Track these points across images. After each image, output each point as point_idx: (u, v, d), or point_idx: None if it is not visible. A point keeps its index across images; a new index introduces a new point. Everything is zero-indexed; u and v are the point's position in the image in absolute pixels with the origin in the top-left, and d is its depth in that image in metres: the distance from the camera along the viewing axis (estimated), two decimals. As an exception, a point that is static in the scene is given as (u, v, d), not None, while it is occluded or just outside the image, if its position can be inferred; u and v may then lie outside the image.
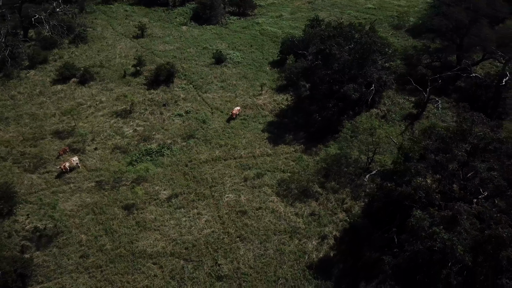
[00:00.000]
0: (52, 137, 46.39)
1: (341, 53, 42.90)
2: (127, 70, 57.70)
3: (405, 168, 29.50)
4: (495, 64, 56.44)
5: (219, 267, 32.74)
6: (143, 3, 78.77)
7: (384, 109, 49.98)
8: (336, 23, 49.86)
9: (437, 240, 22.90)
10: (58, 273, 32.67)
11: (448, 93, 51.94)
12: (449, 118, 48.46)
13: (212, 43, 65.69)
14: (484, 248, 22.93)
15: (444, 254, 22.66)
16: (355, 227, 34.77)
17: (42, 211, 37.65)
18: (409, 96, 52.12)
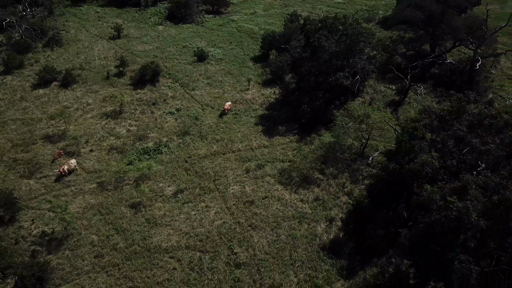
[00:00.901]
0: (43, 141, 45.55)
1: (329, 45, 44.68)
2: (110, 71, 57.14)
3: (410, 146, 31.54)
4: (463, 51, 60.25)
5: (236, 256, 33.65)
6: (114, 4, 77.88)
7: (368, 98, 52.33)
8: (319, 17, 51.57)
9: (453, 209, 24.97)
10: (74, 274, 32.49)
11: (425, 79, 54.99)
12: (429, 102, 51.34)
13: (191, 41, 66.08)
14: (494, 213, 25.26)
15: (460, 221, 24.75)
16: (360, 208, 36.58)
17: (47, 215, 37.11)
18: (389, 84, 54.82)
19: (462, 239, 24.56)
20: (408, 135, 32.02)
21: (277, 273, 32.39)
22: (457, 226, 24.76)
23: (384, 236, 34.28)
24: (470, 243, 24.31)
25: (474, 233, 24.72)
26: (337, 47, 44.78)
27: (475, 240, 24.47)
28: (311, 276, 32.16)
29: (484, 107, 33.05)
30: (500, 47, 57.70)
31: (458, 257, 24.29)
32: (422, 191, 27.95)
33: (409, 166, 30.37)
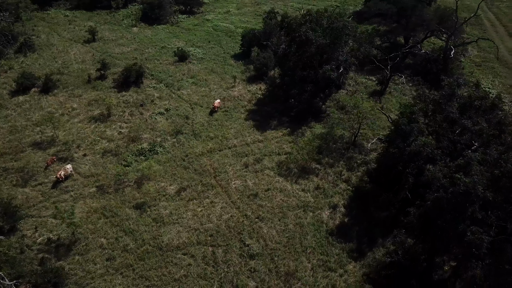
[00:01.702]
0: (32, 148, 44.47)
1: (316, 38, 46.12)
2: (91, 74, 56.30)
3: (409, 130, 33.40)
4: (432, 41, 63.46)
5: (248, 247, 34.40)
6: (83, 7, 76.40)
7: (351, 89, 54.29)
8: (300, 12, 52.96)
9: (460, 185, 26.87)
10: (89, 278, 32.21)
11: (401, 70, 57.52)
12: (408, 91, 54.00)
13: (168, 42, 66.02)
14: (497, 185, 27.39)
15: (467, 195, 26.68)
16: (362, 193, 38.20)
17: (50, 222, 36.46)
18: (368, 75, 57.04)
19: (470, 211, 26.44)
20: (408, 119, 33.83)
21: (291, 260, 33.41)
22: (465, 200, 26.64)
23: (386, 218, 35.95)
24: (478, 215, 26.27)
25: (481, 205, 26.70)
26: (323, 40, 46.24)
27: (482, 211, 26.46)
28: (323, 260, 33.41)
29: (473, 90, 35.45)
30: (467, 37, 61.24)
31: (470, 229, 26.18)
32: (425, 171, 29.73)
33: (410, 148, 32.18)
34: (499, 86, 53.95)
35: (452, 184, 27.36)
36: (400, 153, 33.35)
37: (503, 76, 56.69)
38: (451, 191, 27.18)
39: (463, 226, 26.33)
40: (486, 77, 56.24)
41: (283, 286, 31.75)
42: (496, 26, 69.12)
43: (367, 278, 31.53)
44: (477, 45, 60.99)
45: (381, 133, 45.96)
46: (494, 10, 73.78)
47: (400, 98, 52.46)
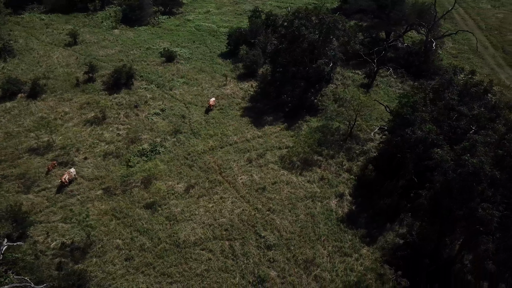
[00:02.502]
0: (29, 155, 43.63)
1: (309, 33, 47.50)
2: (79, 78, 55.54)
3: (413, 118, 35.24)
4: (409, 35, 66.24)
5: (264, 239, 35.31)
6: (59, 10, 74.77)
7: (339, 83, 56.08)
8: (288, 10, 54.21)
9: (469, 165, 28.82)
10: (110, 279, 32.20)
11: (384, 63, 59.84)
12: (394, 83, 56.38)
13: (152, 43, 65.82)
14: (502, 164, 29.54)
15: (476, 175, 28.64)
16: (365, 181, 39.84)
17: (60, 226, 36.06)
18: (354, 69, 59.04)
19: (480, 189, 28.44)
20: (411, 108, 35.64)
21: (307, 248, 34.58)
22: (473, 179, 28.61)
23: (390, 204, 37.71)
24: (488, 192, 28.30)
25: (488, 183, 28.75)
26: (315, 35, 47.65)
27: (491, 189, 28.51)
28: (338, 246, 34.78)
29: (469, 77, 37.75)
30: (442, 30, 64.33)
31: (481, 205, 28.17)
32: (434, 155, 31.58)
33: (416, 135, 34.02)
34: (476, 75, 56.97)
35: (460, 166, 29.25)
36: (404, 141, 35.10)
37: (479, 66, 60.03)
38: (460, 172, 29.07)
39: (474, 203, 28.23)
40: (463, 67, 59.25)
41: (303, 274, 32.85)
42: (466, 20, 72.88)
43: (383, 259, 33.01)
44: (451, 37, 64.16)
45: (374, 124, 47.94)
46: (463, 5, 77.66)
47: (387, 90, 54.72)
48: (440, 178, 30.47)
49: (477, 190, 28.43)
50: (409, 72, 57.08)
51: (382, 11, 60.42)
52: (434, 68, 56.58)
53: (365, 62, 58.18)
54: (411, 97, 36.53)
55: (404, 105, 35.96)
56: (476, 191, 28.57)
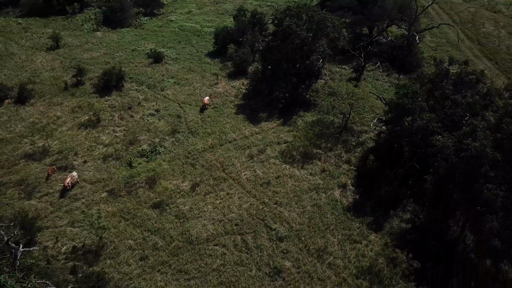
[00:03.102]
0: (25, 160, 42.86)
1: (301, 30, 48.58)
2: (67, 81, 54.77)
3: (414, 108, 36.79)
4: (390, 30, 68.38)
5: (275, 231, 36.06)
6: (35, 14, 73.17)
7: (328, 78, 57.45)
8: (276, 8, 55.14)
9: (471, 149, 30.48)
10: (127, 279, 32.20)
11: (369, 57, 61.64)
12: (380, 77, 58.24)
13: (137, 44, 65.47)
14: (501, 147, 31.36)
15: (478, 158, 30.32)
16: (365, 171, 41.19)
17: (69, 230, 35.71)
18: (341, 65, 60.58)
19: (483, 171, 30.15)
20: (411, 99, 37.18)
21: (318, 238, 35.57)
22: (476, 162, 30.30)
23: (392, 192, 39.19)
24: (491, 173, 30.06)
25: (490, 166, 30.50)
26: (307, 32, 48.77)
27: (494, 171, 30.28)
28: (347, 234, 35.93)
29: (463, 67, 39.69)
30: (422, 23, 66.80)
31: (485, 186, 29.88)
32: (435, 142, 33.17)
33: (417, 124, 35.58)
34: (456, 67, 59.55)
35: (463, 150, 30.91)
36: (404, 130, 36.60)
37: (458, 57, 62.55)
38: (463, 156, 30.71)
39: (478, 185, 29.92)
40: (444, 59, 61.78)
41: (317, 262, 33.80)
42: (441, 15, 75.81)
43: (393, 244, 34.35)
44: (429, 31, 66.65)
45: (367, 117, 49.53)
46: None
47: (375, 84, 56.49)
48: (443, 164, 31.99)
49: (480, 172, 30.07)
50: (393, 66, 59.04)
51: (364, 7, 62.16)
52: (417, 61, 58.73)
53: (351, 57, 59.86)
54: (410, 87, 38.05)
55: (404, 96, 37.43)
56: (479, 173, 30.21)
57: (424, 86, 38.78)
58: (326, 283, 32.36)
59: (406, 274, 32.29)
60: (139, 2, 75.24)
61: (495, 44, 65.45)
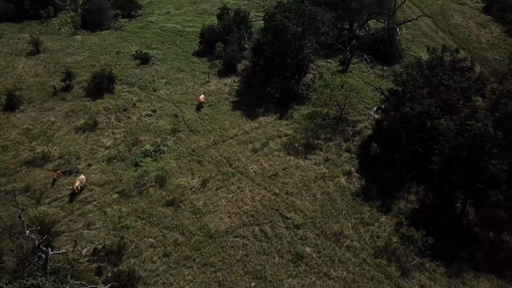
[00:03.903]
0: (27, 167, 42.04)
1: (293, 25, 49.99)
2: (55, 86, 53.85)
3: (415, 94, 38.93)
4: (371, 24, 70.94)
5: (291, 220, 37.26)
6: (8, 19, 71.00)
7: (316, 72, 59.20)
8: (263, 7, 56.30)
9: (475, 129, 32.83)
10: (154, 276, 32.48)
11: (351, 50, 63.89)
12: (365, 68, 60.61)
13: (121, 46, 64.96)
14: (500, 125, 33.91)
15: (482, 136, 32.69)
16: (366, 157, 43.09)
17: (86, 233, 35.52)
18: (326, 59, 62.55)
19: (487, 149, 32.58)
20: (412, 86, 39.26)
21: (332, 223, 37.07)
22: (480, 141, 32.70)
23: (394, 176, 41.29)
24: (495, 150, 32.54)
25: (493, 144, 32.98)
26: (298, 27, 50.26)
27: (496, 148, 32.77)
28: (359, 218, 37.64)
29: (455, 54, 42.25)
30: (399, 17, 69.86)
31: (490, 162, 32.30)
32: (439, 125, 35.42)
33: (419, 109, 37.74)
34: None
35: (466, 131, 33.24)
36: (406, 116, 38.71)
37: (434, 48, 65.98)
38: (467, 136, 33.04)
39: (483, 162, 32.31)
40: (421, 50, 65.12)
41: (335, 246, 35.28)
42: (412, 8, 79.32)
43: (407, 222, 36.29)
44: (404, 24, 69.75)
45: (359, 107, 51.59)
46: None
47: (361, 75, 58.69)
48: (448, 145, 34.21)
49: (484, 150, 32.46)
50: (376, 58, 61.52)
51: (343, 2, 64.35)
52: (398, 52, 61.53)
53: (335, 51, 61.98)
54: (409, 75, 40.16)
55: (404, 82, 39.49)
56: (483, 151, 32.60)
57: (423, 72, 41.02)
58: (348, 265, 33.88)
59: (422, 250, 34.23)
60: (117, 4, 74.39)
61: (465, 34, 69.34)
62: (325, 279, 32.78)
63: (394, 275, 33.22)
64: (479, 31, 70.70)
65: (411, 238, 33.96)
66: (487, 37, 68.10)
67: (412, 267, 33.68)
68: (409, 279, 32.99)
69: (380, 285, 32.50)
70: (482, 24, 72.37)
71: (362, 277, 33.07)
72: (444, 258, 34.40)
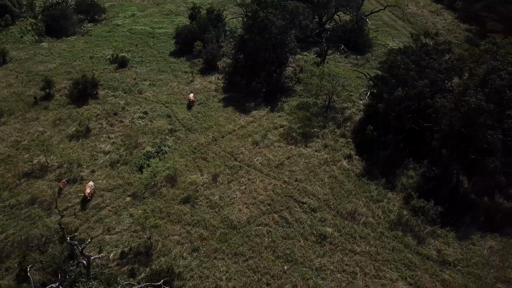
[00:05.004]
0: (26, 179, 40.50)
1: (277, 20, 51.54)
2: (33, 95, 51.93)
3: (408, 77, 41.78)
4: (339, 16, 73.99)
5: (307, 204, 38.85)
6: (-41, 29, 66.97)
7: (295, 65, 61.23)
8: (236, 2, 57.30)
9: (470, 104, 36.10)
10: (188, 270, 32.78)
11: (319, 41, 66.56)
12: (340, 59, 63.50)
13: (92, 51, 63.56)
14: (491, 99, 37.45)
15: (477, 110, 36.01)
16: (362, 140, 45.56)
17: (107, 238, 35.05)
18: (301, 51, 64.71)
19: (482, 120, 35.98)
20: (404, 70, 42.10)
21: (345, 203, 39.11)
22: (475, 114, 36.06)
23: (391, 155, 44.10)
24: (489, 121, 36.02)
25: (486, 116, 36.45)
26: (282, 21, 51.91)
27: (490, 119, 36.27)
28: (368, 196, 39.96)
29: (436, 38, 45.64)
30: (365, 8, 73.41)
31: (487, 132, 35.70)
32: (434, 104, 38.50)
33: (413, 91, 40.64)
34: (399, 43, 67.05)
35: (461, 106, 36.50)
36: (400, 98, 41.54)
37: (397, 36, 70.44)
38: (464, 111, 36.30)
39: (480, 133, 35.69)
40: (386, 38, 69.19)
41: (353, 224, 37.31)
42: (370, 0, 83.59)
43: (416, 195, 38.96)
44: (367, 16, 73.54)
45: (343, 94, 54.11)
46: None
47: (338, 66, 61.43)
48: (445, 121, 37.33)
49: (480, 122, 35.85)
50: (348, 48, 64.60)
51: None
52: (369, 42, 64.99)
53: (308, 44, 64.40)
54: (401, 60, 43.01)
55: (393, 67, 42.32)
56: (478, 123, 35.97)
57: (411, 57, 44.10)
58: (368, 239, 36.01)
59: (433, 219, 37.06)
60: (79, 8, 72.29)
61: (423, 22, 74.40)
62: (351, 255, 34.66)
63: (411, 244, 35.77)
64: (434, 18, 76.07)
65: (423, 209, 36.63)
66: (442, 24, 73.42)
67: (425, 235, 36.41)
68: (426, 246, 35.68)
69: (401, 254, 34.88)
70: (436, 12, 77.89)
71: (384, 249, 35.31)
72: (451, 224, 37.47)
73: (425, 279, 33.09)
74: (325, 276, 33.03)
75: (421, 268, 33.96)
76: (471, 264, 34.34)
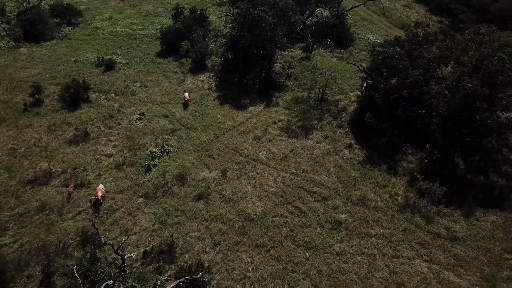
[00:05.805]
0: (31, 187, 39.58)
1: (269, 17, 52.44)
2: (23, 102, 50.54)
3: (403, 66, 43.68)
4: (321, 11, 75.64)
5: (318, 193, 39.98)
6: None
7: (282, 61, 62.35)
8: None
9: (467, 90, 38.34)
10: (214, 264, 33.13)
11: (305, 37, 68.12)
12: (325, 53, 65.15)
13: (75, 55, 62.40)
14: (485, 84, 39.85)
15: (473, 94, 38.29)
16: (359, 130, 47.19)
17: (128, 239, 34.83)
18: (286, 48, 65.87)
19: (478, 105, 38.32)
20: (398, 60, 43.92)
21: (353, 190, 40.53)
22: (471, 98, 38.36)
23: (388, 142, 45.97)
24: (484, 104, 38.39)
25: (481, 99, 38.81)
26: (273, 18, 52.87)
27: (485, 102, 38.65)
28: (374, 182, 41.57)
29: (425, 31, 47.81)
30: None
31: (484, 115, 38.04)
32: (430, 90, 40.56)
33: (409, 79, 42.59)
34: (378, 37, 69.53)
35: (458, 92, 38.72)
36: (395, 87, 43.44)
37: (375, 29, 72.92)
38: (461, 95, 38.52)
39: (478, 115, 38.00)
40: (365, 32, 71.54)
41: (364, 209, 38.77)
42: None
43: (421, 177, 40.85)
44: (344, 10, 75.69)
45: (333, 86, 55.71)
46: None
47: (323, 60, 62.97)
48: (443, 107, 39.44)
49: (476, 105, 38.17)
50: (333, 42, 66.36)
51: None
52: (350, 36, 67.01)
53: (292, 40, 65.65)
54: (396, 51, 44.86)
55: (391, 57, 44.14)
56: (475, 107, 38.28)
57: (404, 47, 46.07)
58: (381, 222, 37.55)
59: (439, 199, 39.05)
60: (55, 12, 70.52)
61: (397, 16, 77.37)
62: (367, 238, 36.05)
63: (421, 224, 37.60)
64: (407, 12, 79.27)
65: (429, 190, 38.55)
66: (416, 16, 76.54)
67: (433, 215, 38.34)
68: (435, 225, 37.59)
69: (414, 234, 36.62)
70: (408, 6, 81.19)
71: (397, 230, 36.93)
72: (455, 203, 39.62)
73: (440, 255, 34.92)
74: (346, 260, 34.22)
75: (434, 246, 35.77)
76: (479, 239, 36.50)
